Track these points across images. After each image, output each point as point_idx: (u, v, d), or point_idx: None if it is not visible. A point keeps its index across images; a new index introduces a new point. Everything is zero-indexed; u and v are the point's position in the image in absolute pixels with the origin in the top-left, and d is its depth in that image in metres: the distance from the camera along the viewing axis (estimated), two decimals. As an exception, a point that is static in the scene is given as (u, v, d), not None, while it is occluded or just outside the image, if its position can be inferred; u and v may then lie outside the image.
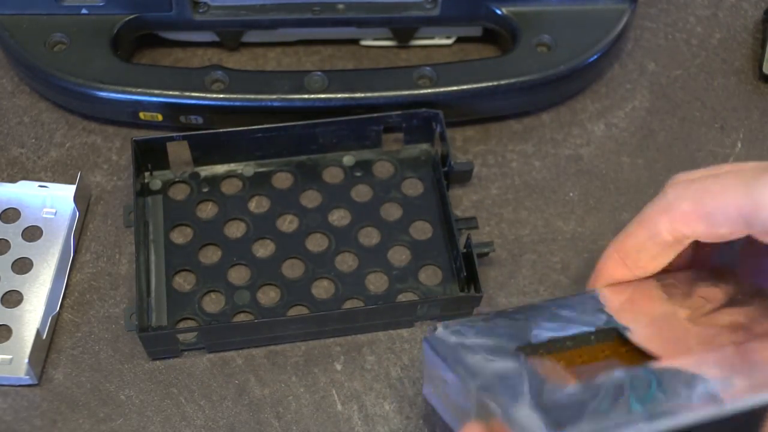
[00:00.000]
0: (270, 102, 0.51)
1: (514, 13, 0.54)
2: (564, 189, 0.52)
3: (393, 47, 0.58)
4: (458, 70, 0.53)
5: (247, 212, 0.51)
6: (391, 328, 0.47)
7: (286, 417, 0.45)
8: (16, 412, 0.45)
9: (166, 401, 0.45)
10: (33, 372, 0.44)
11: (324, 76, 0.52)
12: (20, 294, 0.48)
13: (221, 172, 0.52)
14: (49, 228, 0.50)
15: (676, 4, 0.60)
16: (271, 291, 0.48)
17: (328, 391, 0.45)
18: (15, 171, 0.52)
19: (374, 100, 0.52)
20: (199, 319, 0.47)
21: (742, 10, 0.60)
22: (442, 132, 0.50)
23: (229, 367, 0.46)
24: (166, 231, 0.50)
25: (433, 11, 0.55)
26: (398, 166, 0.52)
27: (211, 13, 0.55)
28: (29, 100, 0.55)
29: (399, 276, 0.48)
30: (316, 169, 0.52)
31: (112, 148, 0.53)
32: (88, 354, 0.46)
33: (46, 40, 0.52)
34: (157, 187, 0.51)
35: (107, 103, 0.52)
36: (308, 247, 0.49)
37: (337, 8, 0.55)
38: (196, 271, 0.48)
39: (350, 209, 0.51)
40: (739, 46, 0.58)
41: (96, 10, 0.53)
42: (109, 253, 0.50)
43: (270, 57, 0.57)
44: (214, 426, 0.44)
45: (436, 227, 0.50)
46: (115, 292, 0.48)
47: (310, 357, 0.46)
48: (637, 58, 0.58)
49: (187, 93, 0.51)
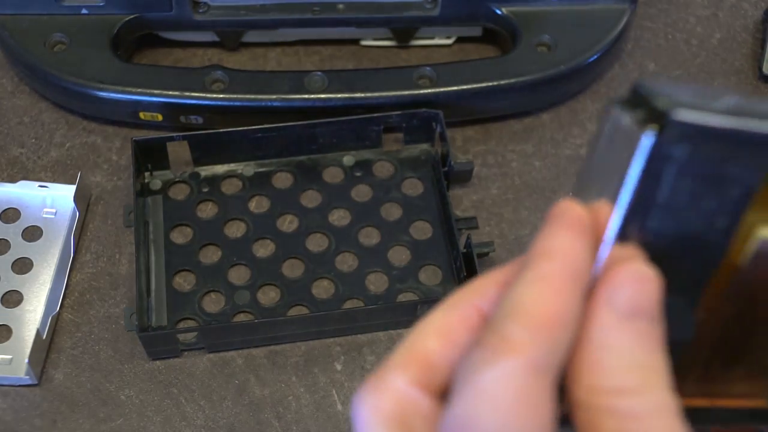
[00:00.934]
0: (270, 102, 0.51)
1: (514, 13, 0.54)
2: (564, 189, 0.52)
3: (393, 47, 0.58)
4: (458, 70, 0.53)
5: (247, 212, 0.50)
6: (391, 328, 0.47)
7: (286, 417, 0.45)
8: (16, 412, 0.45)
9: (166, 401, 0.45)
10: (33, 372, 0.44)
11: (324, 76, 0.52)
12: (20, 294, 0.48)
13: (221, 172, 0.52)
14: (49, 228, 0.50)
15: (676, 4, 0.60)
16: (271, 291, 0.48)
17: (328, 391, 0.45)
18: (15, 171, 0.52)
19: (374, 100, 0.52)
20: (199, 319, 0.47)
21: (742, 10, 0.60)
22: (442, 132, 0.50)
23: (229, 367, 0.46)
24: (166, 231, 0.50)
25: (433, 11, 0.55)
26: (398, 166, 0.52)
27: (211, 13, 0.55)
28: (29, 100, 0.55)
29: (399, 276, 0.48)
30: (316, 169, 0.52)
31: (112, 148, 0.53)
32: (88, 354, 0.46)
33: (46, 40, 0.52)
34: (157, 187, 0.51)
35: (107, 103, 0.52)
36: (308, 247, 0.49)
37: (337, 8, 0.55)
38: (196, 271, 0.48)
39: (350, 209, 0.51)
40: (739, 46, 0.58)
41: (96, 10, 0.53)
42: (109, 253, 0.50)
43: (270, 57, 0.57)
44: (214, 426, 0.44)
45: (436, 227, 0.50)
46: (115, 292, 0.48)
47: (310, 357, 0.46)
48: (637, 58, 0.58)
49: (187, 93, 0.51)
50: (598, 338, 0.22)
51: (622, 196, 0.24)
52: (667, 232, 0.25)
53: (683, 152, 0.23)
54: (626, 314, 0.22)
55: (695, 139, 0.23)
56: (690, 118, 0.23)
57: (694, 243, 0.25)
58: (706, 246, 0.25)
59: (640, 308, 0.23)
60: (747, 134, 0.23)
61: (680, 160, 0.23)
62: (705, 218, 0.25)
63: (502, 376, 0.21)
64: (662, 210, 0.24)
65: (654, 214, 0.25)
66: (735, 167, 0.24)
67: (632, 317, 0.22)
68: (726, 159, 0.24)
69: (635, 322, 0.22)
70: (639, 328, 0.22)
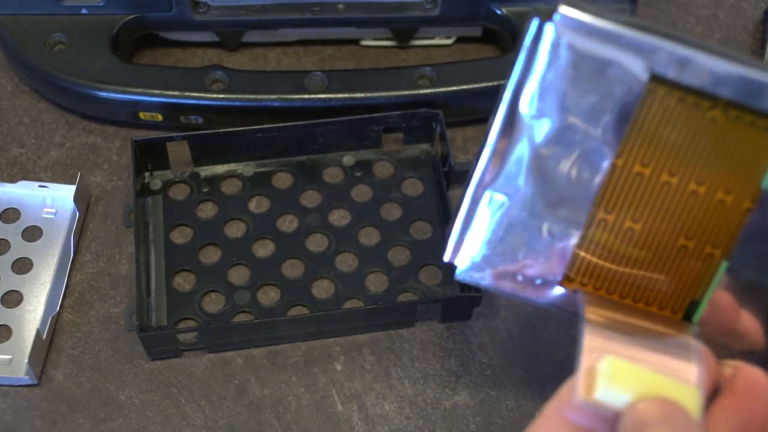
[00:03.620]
0: (270, 102, 0.51)
1: (514, 13, 0.54)
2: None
3: (393, 47, 0.58)
4: (458, 70, 0.53)
5: (247, 212, 0.51)
6: (391, 328, 0.47)
7: (286, 417, 0.45)
8: (16, 412, 0.45)
9: (166, 401, 0.45)
10: (33, 372, 0.44)
11: (324, 76, 0.52)
12: (20, 294, 0.48)
13: (221, 172, 0.52)
14: (49, 228, 0.50)
15: (676, 4, 0.60)
16: (271, 291, 0.48)
17: (328, 391, 0.45)
18: (15, 171, 0.52)
19: (374, 100, 0.52)
20: (199, 319, 0.47)
21: (742, 10, 0.60)
22: (442, 132, 0.50)
23: (229, 367, 0.46)
24: (166, 231, 0.50)
25: (433, 11, 0.55)
26: (398, 166, 0.52)
27: (211, 13, 0.55)
28: (29, 100, 0.55)
29: (399, 276, 0.48)
30: (316, 169, 0.52)
31: (112, 148, 0.53)
32: (88, 354, 0.46)
33: (46, 40, 0.52)
34: (157, 187, 0.51)
35: (107, 103, 0.52)
36: (308, 247, 0.49)
37: (337, 8, 0.55)
38: (196, 271, 0.48)
39: (350, 209, 0.51)
40: (739, 46, 0.58)
41: (96, 10, 0.53)
42: (109, 253, 0.50)
43: (270, 57, 0.57)
44: (214, 426, 0.44)
45: (436, 227, 0.50)
46: (115, 292, 0.48)
47: (310, 357, 0.46)
48: (637, 58, 0.58)
49: (187, 93, 0.51)
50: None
51: (511, 77, 0.30)
52: (553, 127, 0.32)
53: (567, 42, 0.29)
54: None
55: (578, 33, 0.29)
56: (571, 13, 0.29)
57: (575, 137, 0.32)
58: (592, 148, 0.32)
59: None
60: (619, 37, 0.29)
61: (567, 51, 0.30)
62: (591, 115, 0.30)
63: None
64: (549, 98, 0.31)
65: (542, 98, 0.31)
66: (614, 70, 0.30)
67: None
68: (607, 62, 0.30)
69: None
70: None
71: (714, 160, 0.31)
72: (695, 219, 0.32)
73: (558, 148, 0.32)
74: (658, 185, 0.32)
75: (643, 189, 0.32)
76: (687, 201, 0.32)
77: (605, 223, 0.32)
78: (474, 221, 0.34)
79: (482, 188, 0.34)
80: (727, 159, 0.31)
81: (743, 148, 0.31)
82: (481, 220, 0.34)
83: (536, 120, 0.32)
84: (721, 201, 0.32)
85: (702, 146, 0.31)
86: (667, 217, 0.32)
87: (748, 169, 0.31)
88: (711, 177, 0.31)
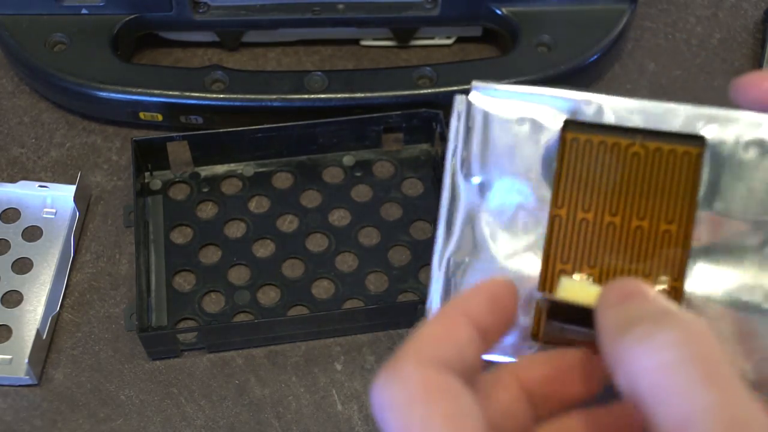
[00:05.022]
0: (270, 102, 0.51)
1: (514, 13, 0.54)
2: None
3: (393, 47, 0.58)
4: (458, 70, 0.53)
5: (247, 212, 0.51)
6: (391, 328, 0.47)
7: (286, 417, 0.45)
8: (16, 412, 0.45)
9: (166, 401, 0.45)
10: (33, 372, 0.44)
11: (324, 76, 0.52)
12: (20, 294, 0.48)
13: (221, 172, 0.52)
14: (49, 228, 0.50)
15: (676, 4, 0.60)
16: (271, 291, 0.48)
17: (328, 391, 0.45)
18: (15, 171, 0.52)
19: (374, 100, 0.52)
20: (199, 319, 0.47)
21: (742, 10, 0.60)
22: (442, 132, 0.50)
23: (229, 367, 0.46)
24: (166, 231, 0.50)
25: (433, 11, 0.55)
26: (398, 166, 0.52)
27: (211, 13, 0.55)
28: (29, 100, 0.55)
29: (399, 276, 0.48)
30: (316, 169, 0.52)
31: (112, 148, 0.53)
32: (88, 354, 0.46)
33: (46, 40, 0.52)
34: (157, 187, 0.51)
35: (107, 103, 0.52)
36: (308, 247, 0.49)
37: (337, 8, 0.55)
38: (196, 271, 0.48)
39: (350, 209, 0.51)
40: (739, 46, 0.58)
41: (96, 10, 0.53)
42: (109, 253, 0.50)
43: (270, 57, 0.57)
44: (214, 426, 0.44)
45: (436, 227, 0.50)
46: (115, 292, 0.48)
47: (310, 357, 0.46)
48: (637, 58, 0.58)
49: (187, 93, 0.51)
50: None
51: (447, 149, 0.34)
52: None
53: (483, 109, 0.34)
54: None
55: (492, 100, 0.34)
56: (483, 85, 0.34)
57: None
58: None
59: None
60: (527, 96, 0.34)
61: (483, 116, 0.34)
62: (523, 171, 0.33)
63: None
64: (480, 161, 0.34)
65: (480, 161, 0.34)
66: (528, 124, 0.34)
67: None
68: (521, 120, 0.34)
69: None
70: None
71: (649, 192, 0.33)
72: (647, 253, 0.33)
73: (500, 207, 0.34)
74: (603, 227, 0.33)
75: (591, 233, 0.33)
76: (634, 237, 0.33)
77: (565, 272, 0.34)
78: (448, 288, 0.35)
79: (443, 257, 0.35)
80: (660, 189, 0.33)
81: (671, 176, 0.33)
82: (452, 285, 0.35)
83: (474, 183, 0.34)
84: (666, 231, 0.33)
85: (633, 182, 0.33)
86: (620, 257, 0.33)
87: (682, 195, 0.33)
88: (650, 210, 0.33)
